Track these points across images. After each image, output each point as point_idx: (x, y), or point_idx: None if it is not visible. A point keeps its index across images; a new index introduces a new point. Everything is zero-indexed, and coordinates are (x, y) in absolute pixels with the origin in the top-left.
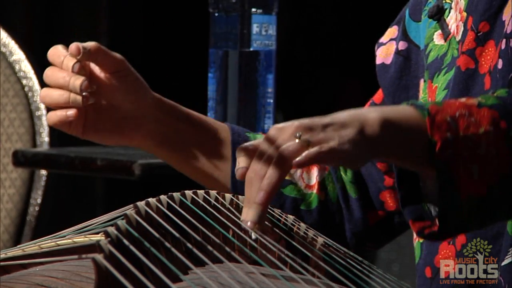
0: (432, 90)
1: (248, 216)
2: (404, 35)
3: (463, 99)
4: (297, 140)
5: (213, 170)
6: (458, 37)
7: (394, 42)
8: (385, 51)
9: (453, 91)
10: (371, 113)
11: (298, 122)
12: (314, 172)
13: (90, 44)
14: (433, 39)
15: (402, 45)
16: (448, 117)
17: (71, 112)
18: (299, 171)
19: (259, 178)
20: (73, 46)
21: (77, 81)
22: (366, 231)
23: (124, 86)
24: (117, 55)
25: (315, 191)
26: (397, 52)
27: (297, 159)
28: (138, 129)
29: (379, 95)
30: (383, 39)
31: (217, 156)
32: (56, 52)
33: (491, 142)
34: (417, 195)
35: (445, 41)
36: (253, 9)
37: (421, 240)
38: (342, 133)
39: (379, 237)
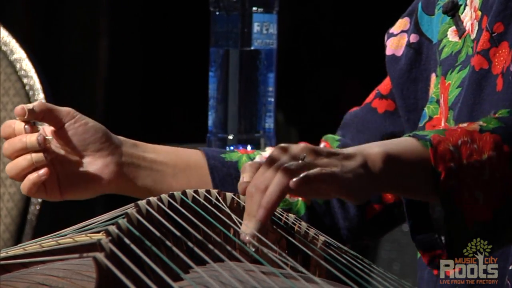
0: (445, 87)
1: (247, 229)
2: (416, 28)
3: (464, 124)
4: (300, 161)
5: None
6: (473, 36)
7: (405, 35)
8: (396, 43)
9: (467, 91)
10: (374, 148)
11: (304, 145)
12: None
13: (35, 103)
14: (447, 35)
15: (413, 38)
16: (451, 146)
17: (42, 171)
18: None
19: (259, 192)
20: (18, 108)
21: (33, 137)
22: (362, 226)
23: (80, 135)
24: (64, 109)
25: (300, 198)
26: (408, 44)
27: (295, 178)
28: (111, 174)
29: (386, 86)
30: (393, 30)
31: (196, 178)
32: (6, 125)
33: (495, 167)
34: (427, 223)
35: (460, 38)
36: (254, 8)
37: None
38: (345, 163)
39: (376, 231)
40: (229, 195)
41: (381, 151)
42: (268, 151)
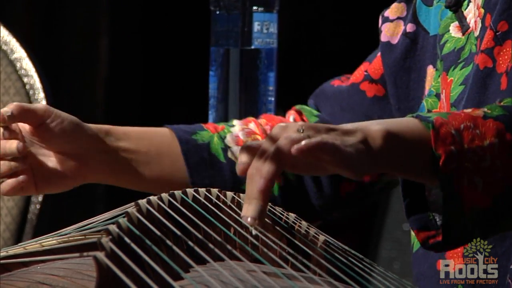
0: (447, 83)
1: (248, 211)
2: (413, 18)
3: (469, 110)
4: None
5: (172, 176)
6: (476, 33)
7: (401, 22)
8: (392, 30)
9: (471, 89)
10: (374, 125)
11: (302, 122)
12: None
13: (10, 106)
14: (449, 30)
15: (410, 27)
16: (453, 130)
17: (21, 177)
18: None
19: (258, 176)
20: None
21: (12, 145)
22: (335, 202)
23: (56, 132)
24: (38, 106)
25: None
26: (405, 33)
27: (297, 145)
28: (86, 165)
29: (376, 70)
30: (389, 14)
31: (169, 164)
32: None
33: (496, 154)
34: (422, 204)
35: (463, 34)
36: (254, 7)
37: None
38: (345, 138)
39: (348, 208)
40: (229, 194)
41: (382, 128)
42: (236, 124)
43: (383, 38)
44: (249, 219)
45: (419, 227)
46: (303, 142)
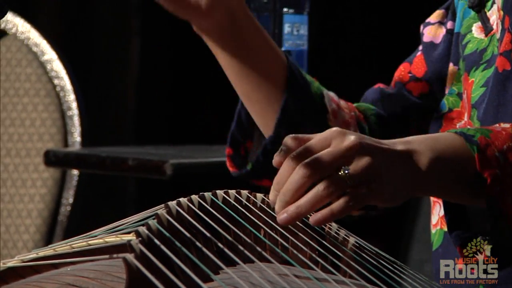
0: (469, 84)
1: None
2: (453, 15)
3: (507, 125)
4: (340, 173)
5: (265, 80)
6: (498, 35)
7: (442, 26)
8: (434, 31)
9: (491, 92)
10: (424, 151)
11: (357, 139)
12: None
13: None
14: (471, 30)
15: (450, 25)
16: (497, 152)
17: None
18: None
19: (297, 175)
20: None
21: None
22: None
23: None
24: None
25: None
26: (447, 31)
27: (317, 217)
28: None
29: (419, 68)
30: (430, 19)
31: (271, 66)
32: None
33: None
34: (463, 219)
35: (486, 36)
36: (285, 9)
37: (444, 228)
38: (390, 171)
39: None
40: (259, 195)
41: (431, 156)
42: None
43: (426, 39)
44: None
45: (461, 244)
46: (330, 211)
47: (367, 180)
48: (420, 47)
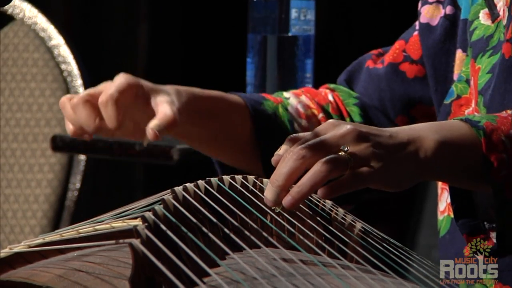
0: (475, 70)
1: (268, 193)
2: (452, 0)
3: None
4: (341, 153)
5: (235, 145)
6: (504, 21)
7: (440, 6)
8: (431, 12)
9: (497, 78)
10: (429, 135)
11: (353, 127)
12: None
13: (162, 117)
14: (479, 17)
15: (449, 10)
16: (503, 137)
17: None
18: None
19: (290, 159)
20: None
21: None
22: None
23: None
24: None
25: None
26: (445, 16)
27: (324, 189)
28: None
29: (415, 50)
30: None
31: (237, 125)
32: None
33: None
34: (470, 207)
35: (493, 22)
36: None
37: (451, 215)
38: (392, 156)
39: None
40: (266, 181)
41: (436, 140)
42: (290, 97)
43: (422, 19)
44: (268, 201)
45: (468, 232)
46: (336, 185)
47: (368, 160)
48: (417, 26)
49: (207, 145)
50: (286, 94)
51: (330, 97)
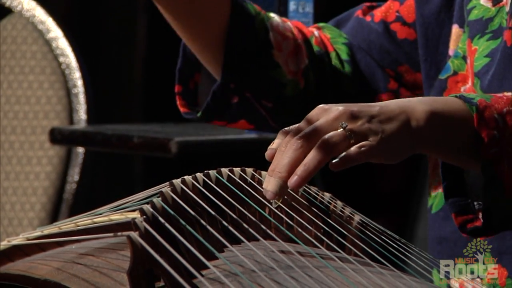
0: (471, 51)
1: (269, 185)
2: None
3: (509, 94)
4: (340, 130)
5: (208, 22)
6: (507, 8)
7: None
8: None
9: (498, 65)
10: (419, 106)
11: (344, 108)
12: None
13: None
14: None
15: None
16: (496, 114)
17: None
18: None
19: (290, 150)
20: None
21: None
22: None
23: None
24: None
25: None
26: None
27: (335, 161)
28: None
29: (409, 13)
30: None
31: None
32: None
33: None
34: (461, 187)
35: (493, 6)
36: None
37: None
38: (387, 127)
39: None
40: (264, 173)
41: (427, 109)
42: (275, 16)
43: None
44: (269, 193)
45: (457, 211)
46: (341, 157)
47: (365, 136)
48: None
49: (179, 15)
50: (272, 14)
51: (316, 33)
